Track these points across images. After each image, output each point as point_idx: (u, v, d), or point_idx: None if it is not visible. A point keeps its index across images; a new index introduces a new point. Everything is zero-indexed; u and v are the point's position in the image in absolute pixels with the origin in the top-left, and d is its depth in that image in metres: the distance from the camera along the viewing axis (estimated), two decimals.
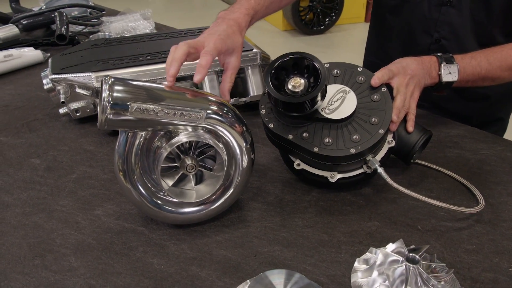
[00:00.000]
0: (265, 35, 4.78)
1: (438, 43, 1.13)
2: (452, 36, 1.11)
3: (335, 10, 4.72)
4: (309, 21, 4.72)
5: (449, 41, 1.12)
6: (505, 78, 0.96)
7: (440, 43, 1.13)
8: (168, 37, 1.20)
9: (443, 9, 1.10)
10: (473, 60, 0.94)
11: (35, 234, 0.77)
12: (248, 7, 0.90)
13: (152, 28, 1.63)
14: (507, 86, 1.13)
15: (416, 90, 0.88)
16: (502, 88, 1.12)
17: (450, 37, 1.12)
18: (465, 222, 0.79)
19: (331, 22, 4.78)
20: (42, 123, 1.10)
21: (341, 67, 0.85)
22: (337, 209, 0.82)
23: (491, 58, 0.94)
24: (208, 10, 5.77)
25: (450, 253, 0.72)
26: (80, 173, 0.92)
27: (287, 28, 4.94)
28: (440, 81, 0.92)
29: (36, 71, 1.37)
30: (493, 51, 0.95)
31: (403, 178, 0.90)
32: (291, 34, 4.86)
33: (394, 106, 0.82)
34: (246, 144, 0.75)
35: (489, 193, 0.85)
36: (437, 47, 1.14)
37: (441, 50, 1.13)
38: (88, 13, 1.68)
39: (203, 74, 0.74)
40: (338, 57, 1.19)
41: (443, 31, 1.12)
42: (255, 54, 1.11)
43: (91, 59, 1.06)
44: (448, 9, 1.10)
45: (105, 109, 0.63)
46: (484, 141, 1.02)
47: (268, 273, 0.61)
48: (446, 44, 1.13)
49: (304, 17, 4.68)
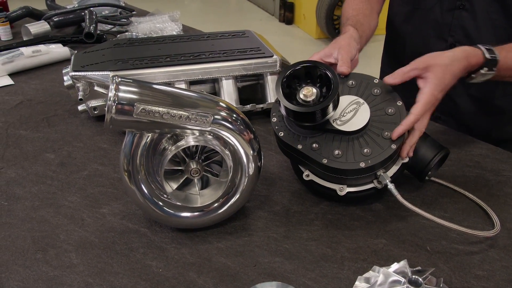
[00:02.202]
0: (298, 42, 4.76)
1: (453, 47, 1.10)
2: (466, 40, 1.08)
3: None
4: None
5: (464, 45, 1.08)
6: None
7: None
8: (190, 40, 1.20)
9: (456, 13, 1.07)
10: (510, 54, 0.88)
11: (41, 228, 0.77)
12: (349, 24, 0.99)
13: (179, 30, 1.64)
14: None
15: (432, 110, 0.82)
16: None
17: (464, 41, 1.08)
18: (478, 246, 0.75)
19: None
20: (61, 119, 1.12)
21: (357, 78, 0.83)
22: (344, 223, 0.80)
23: None
24: (243, 15, 5.80)
25: (459, 278, 0.69)
26: (91, 170, 0.93)
27: (320, 36, 4.90)
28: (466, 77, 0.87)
29: (61, 68, 1.38)
30: None
31: (417, 195, 0.86)
32: (324, 42, 4.81)
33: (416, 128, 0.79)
34: (253, 152, 0.73)
35: (507, 217, 0.81)
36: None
37: None
38: (118, 13, 1.71)
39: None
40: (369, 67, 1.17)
41: (457, 35, 1.08)
42: (275, 61, 1.10)
43: (111, 58, 1.07)
44: (461, 12, 1.06)
45: (111, 108, 0.63)
46: (507, 161, 0.97)
47: (260, 285, 0.60)
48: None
49: (338, 25, 4.63)
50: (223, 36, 1.24)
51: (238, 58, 1.09)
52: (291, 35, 5.02)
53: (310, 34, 4.98)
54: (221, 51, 1.12)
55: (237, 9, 6.06)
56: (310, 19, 4.89)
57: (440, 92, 0.80)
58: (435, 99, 0.79)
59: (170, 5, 5.66)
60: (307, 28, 5.06)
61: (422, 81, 0.80)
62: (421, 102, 0.78)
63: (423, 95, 0.78)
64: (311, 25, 4.90)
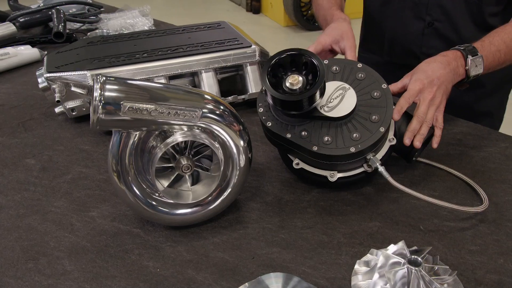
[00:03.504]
0: (266, 31, 4.75)
1: (431, 26, 1.12)
2: (444, 18, 1.10)
3: None
4: (310, 16, 4.68)
5: (442, 23, 1.10)
6: None
7: (433, 26, 1.12)
8: (165, 34, 1.18)
9: None
10: (492, 46, 0.91)
11: (29, 236, 0.75)
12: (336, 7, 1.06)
13: (151, 25, 1.61)
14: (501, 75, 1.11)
15: (444, 100, 0.86)
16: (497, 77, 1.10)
17: (442, 19, 1.10)
18: (469, 222, 0.77)
19: None
20: (38, 123, 1.08)
21: (340, 64, 0.83)
22: (337, 209, 0.80)
23: (508, 40, 0.92)
24: (209, 6, 5.74)
25: (454, 254, 0.70)
26: (75, 174, 0.90)
27: (288, 24, 4.90)
28: (468, 76, 0.89)
29: (33, 70, 1.35)
30: (507, 32, 0.93)
31: (405, 176, 0.87)
32: (292, 30, 4.82)
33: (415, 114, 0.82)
34: (243, 143, 0.73)
35: (493, 192, 0.82)
36: (431, 30, 1.12)
37: (435, 33, 1.11)
38: (86, 10, 1.66)
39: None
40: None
41: (435, 13, 1.10)
42: (254, 50, 1.09)
43: (86, 57, 1.04)
44: None
45: (97, 109, 0.61)
46: (487, 137, 1.00)
47: (265, 276, 0.60)
48: (439, 26, 1.11)
49: (306, 12, 4.64)
50: (198, 29, 1.22)
51: (216, 50, 1.07)
52: (260, 24, 5.01)
53: (279, 22, 4.98)
54: (198, 44, 1.10)
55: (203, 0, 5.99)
56: (277, 7, 4.88)
57: (427, 79, 0.83)
58: (422, 84, 0.83)
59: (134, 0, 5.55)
60: (275, 16, 5.05)
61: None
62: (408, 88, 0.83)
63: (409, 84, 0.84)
64: (279, 13, 4.89)
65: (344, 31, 0.93)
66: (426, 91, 0.82)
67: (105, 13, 1.67)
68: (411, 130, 0.81)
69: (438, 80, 0.84)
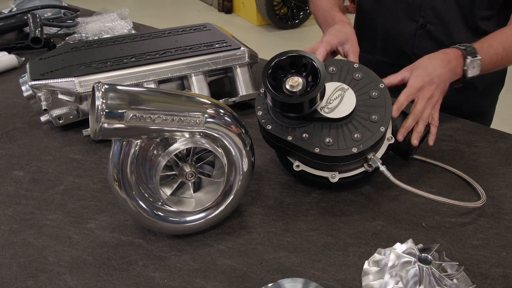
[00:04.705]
0: (239, 31, 4.73)
1: (424, 28, 1.13)
2: (437, 20, 1.11)
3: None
4: (283, 15, 4.69)
5: (435, 25, 1.11)
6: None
7: (426, 28, 1.13)
8: (151, 38, 1.16)
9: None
10: (491, 49, 0.93)
11: (25, 252, 0.72)
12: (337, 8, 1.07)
13: (130, 28, 1.57)
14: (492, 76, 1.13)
15: (441, 98, 0.87)
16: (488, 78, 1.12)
17: (435, 21, 1.12)
18: (469, 217, 0.78)
19: (306, 16, 4.77)
20: (23, 132, 1.04)
21: (337, 64, 0.83)
22: (339, 209, 0.80)
23: (506, 45, 0.93)
24: (181, 7, 5.68)
25: (458, 250, 0.71)
26: (68, 184, 0.87)
27: (261, 23, 4.90)
28: (464, 76, 0.90)
29: (11, 77, 1.30)
30: (506, 36, 0.95)
31: (402, 174, 0.88)
32: (266, 29, 4.82)
33: (411, 112, 0.82)
34: (245, 147, 0.72)
35: (488, 186, 0.84)
36: (423, 32, 1.14)
37: (428, 35, 1.13)
38: (62, 14, 1.61)
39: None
40: None
41: (428, 16, 1.11)
42: (243, 52, 1.08)
43: (72, 63, 1.01)
44: None
45: (99, 118, 0.59)
46: (477, 132, 1.02)
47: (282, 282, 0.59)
48: (432, 29, 1.12)
49: (278, 11, 4.65)
50: (184, 31, 1.20)
51: (205, 52, 1.06)
52: (232, 24, 4.99)
53: (251, 22, 4.97)
54: (187, 47, 1.08)
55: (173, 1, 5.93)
56: (249, 6, 4.87)
57: (427, 77, 0.84)
58: (422, 82, 0.84)
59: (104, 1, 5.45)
60: (247, 16, 5.04)
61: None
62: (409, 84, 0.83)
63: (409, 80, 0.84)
64: (251, 12, 4.89)
65: (349, 35, 0.93)
66: (426, 89, 0.83)
67: (82, 17, 1.62)
68: (406, 127, 0.82)
69: (438, 78, 0.85)
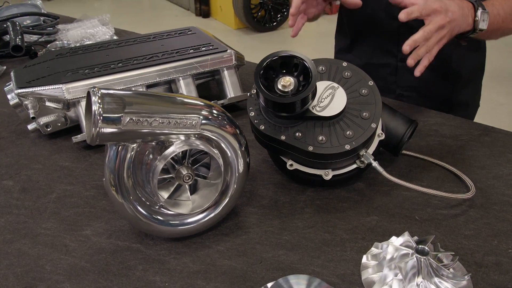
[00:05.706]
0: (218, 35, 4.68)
1: (407, 23, 1.15)
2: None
3: (286, 6, 4.74)
4: (261, 18, 4.72)
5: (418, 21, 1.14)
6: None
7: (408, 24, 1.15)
8: (136, 42, 1.15)
9: None
10: (494, 8, 0.93)
11: (21, 262, 0.71)
12: None
13: (112, 34, 1.56)
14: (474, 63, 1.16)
15: (446, 38, 0.85)
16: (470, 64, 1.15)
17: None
18: (460, 209, 0.80)
19: (283, 18, 4.81)
20: (9, 141, 1.03)
21: (325, 63, 0.84)
22: (334, 206, 0.81)
23: (506, 7, 0.94)
24: (158, 12, 5.66)
25: (451, 240, 0.73)
26: (60, 192, 0.86)
27: (239, 26, 4.92)
28: (474, 28, 0.90)
29: None
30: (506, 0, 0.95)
31: (392, 169, 0.90)
32: (244, 32, 4.85)
33: (422, 29, 0.82)
34: (241, 147, 0.72)
35: (476, 178, 0.86)
36: (406, 29, 1.15)
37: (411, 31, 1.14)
38: (42, 22, 1.59)
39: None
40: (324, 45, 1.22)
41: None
42: (230, 54, 1.08)
43: (58, 69, 1.00)
44: None
45: (97, 123, 0.59)
46: (461, 127, 1.04)
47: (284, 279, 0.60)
48: (415, 25, 1.14)
49: (256, 14, 4.68)
50: (169, 35, 1.20)
51: (193, 55, 1.06)
52: (210, 28, 4.96)
53: (229, 25, 4.99)
54: (173, 50, 1.08)
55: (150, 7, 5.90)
56: (227, 10, 4.89)
57: (444, 6, 0.84)
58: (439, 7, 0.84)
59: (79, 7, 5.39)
60: (225, 20, 5.05)
61: None
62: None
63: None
64: (229, 16, 4.90)
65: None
66: (440, 16, 0.83)
67: (62, 24, 1.61)
68: (414, 39, 0.83)
69: (452, 15, 0.84)
